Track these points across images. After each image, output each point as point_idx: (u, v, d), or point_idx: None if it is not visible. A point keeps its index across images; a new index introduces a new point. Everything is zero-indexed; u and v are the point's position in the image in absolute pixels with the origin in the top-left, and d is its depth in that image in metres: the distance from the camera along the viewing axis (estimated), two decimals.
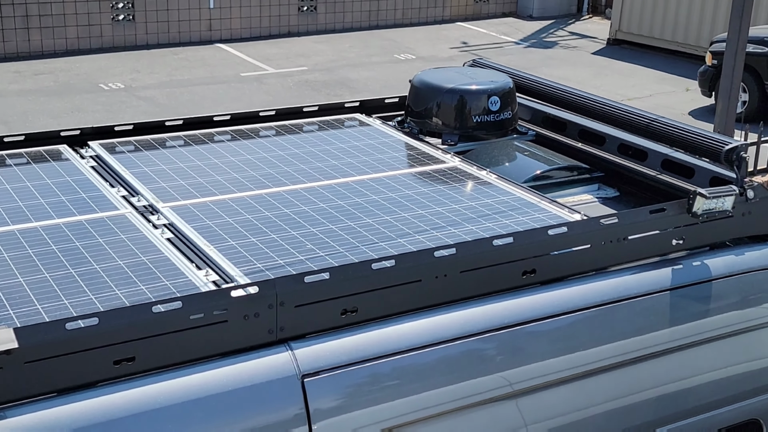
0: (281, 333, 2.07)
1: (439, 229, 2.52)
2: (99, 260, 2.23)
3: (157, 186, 2.72)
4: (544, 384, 2.32)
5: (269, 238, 2.41)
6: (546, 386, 2.32)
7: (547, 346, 2.32)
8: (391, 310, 2.20)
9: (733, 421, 2.61)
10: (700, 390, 2.56)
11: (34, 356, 1.79)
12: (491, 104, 3.29)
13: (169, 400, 1.92)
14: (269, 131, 3.28)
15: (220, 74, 13.16)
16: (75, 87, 12.29)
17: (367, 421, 2.11)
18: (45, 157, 2.92)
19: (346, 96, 12.01)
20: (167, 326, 1.92)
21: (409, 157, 3.10)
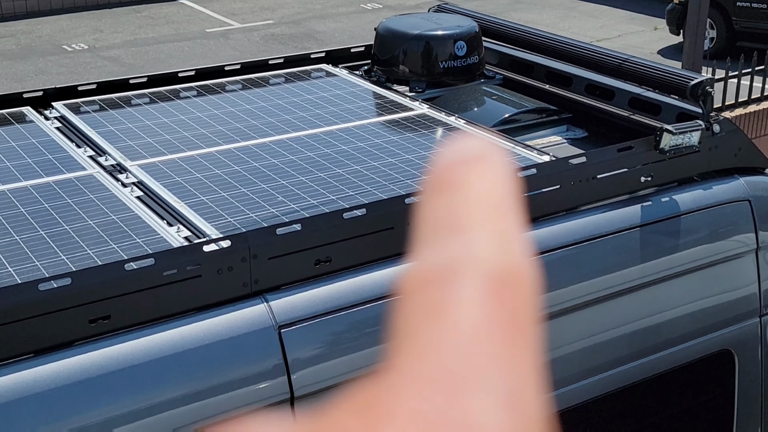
0: (256, 285, 2.08)
1: (409, 176, 2.52)
2: (69, 221, 2.22)
3: (124, 145, 2.70)
4: None
5: (240, 192, 2.40)
6: None
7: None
8: (365, 259, 2.21)
9: (705, 352, 2.67)
10: (672, 324, 2.61)
11: (8, 318, 1.79)
12: (458, 49, 3.28)
13: (147, 356, 1.93)
14: (235, 85, 3.25)
15: (185, 31, 12.98)
16: (38, 49, 12.09)
17: (345, 368, 2.14)
18: (9, 119, 2.89)
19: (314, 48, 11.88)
20: (141, 283, 1.93)
21: (377, 105, 3.09)
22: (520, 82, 3.34)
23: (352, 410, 0.27)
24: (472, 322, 0.28)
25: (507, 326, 0.28)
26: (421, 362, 0.28)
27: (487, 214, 0.30)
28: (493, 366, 0.27)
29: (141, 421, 1.91)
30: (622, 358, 2.51)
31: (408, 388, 0.27)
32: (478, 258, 0.29)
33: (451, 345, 0.27)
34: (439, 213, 0.30)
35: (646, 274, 2.52)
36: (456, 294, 0.28)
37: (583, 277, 2.42)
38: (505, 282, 0.29)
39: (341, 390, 0.29)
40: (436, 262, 0.29)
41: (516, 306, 0.29)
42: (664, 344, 2.59)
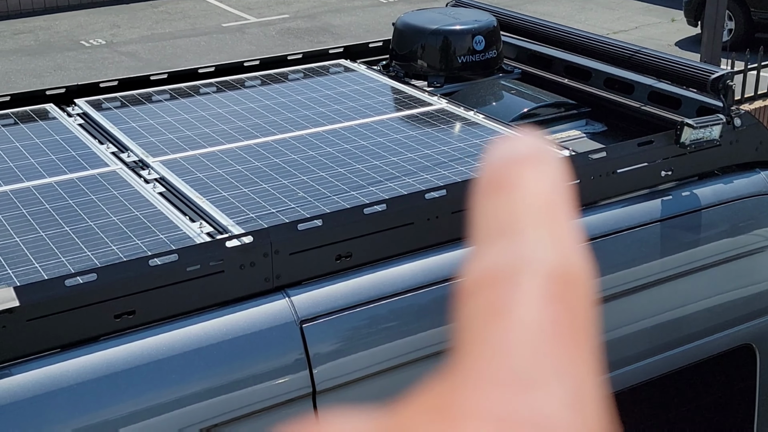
0: (277, 281, 2.10)
1: (428, 171, 2.53)
2: (93, 217, 2.24)
3: (146, 141, 2.72)
4: None
5: (260, 187, 2.42)
6: None
7: None
8: (385, 254, 2.23)
9: (726, 347, 2.67)
10: (692, 318, 2.61)
11: (35, 314, 1.81)
12: (476, 44, 3.28)
13: (171, 351, 1.95)
14: (254, 81, 3.27)
15: (202, 26, 13.02)
16: (56, 45, 12.16)
17: (367, 363, 2.15)
18: (32, 116, 2.92)
19: (330, 42, 11.90)
20: (165, 279, 1.95)
21: (396, 100, 3.09)
22: (539, 76, 3.34)
23: (422, 410, 0.28)
24: (537, 322, 0.29)
25: (569, 325, 0.29)
26: (487, 362, 0.28)
27: (542, 215, 0.31)
28: (559, 365, 0.28)
29: (165, 415, 1.93)
30: (643, 353, 2.51)
31: (476, 388, 0.28)
32: (538, 258, 0.30)
33: (517, 344, 0.28)
34: (495, 214, 0.31)
35: (666, 269, 2.52)
36: (518, 294, 0.29)
37: (603, 272, 2.42)
38: (564, 281, 0.30)
39: (362, 385, 0.30)
40: (496, 263, 0.30)
41: (575, 305, 0.30)
42: (685, 339, 2.59)
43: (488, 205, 0.32)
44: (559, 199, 0.32)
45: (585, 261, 0.31)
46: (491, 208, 0.31)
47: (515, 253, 0.30)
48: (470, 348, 0.29)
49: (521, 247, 0.30)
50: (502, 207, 0.31)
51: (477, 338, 0.29)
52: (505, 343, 0.28)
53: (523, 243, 0.30)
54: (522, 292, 0.29)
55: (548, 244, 0.30)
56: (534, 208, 0.31)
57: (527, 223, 0.31)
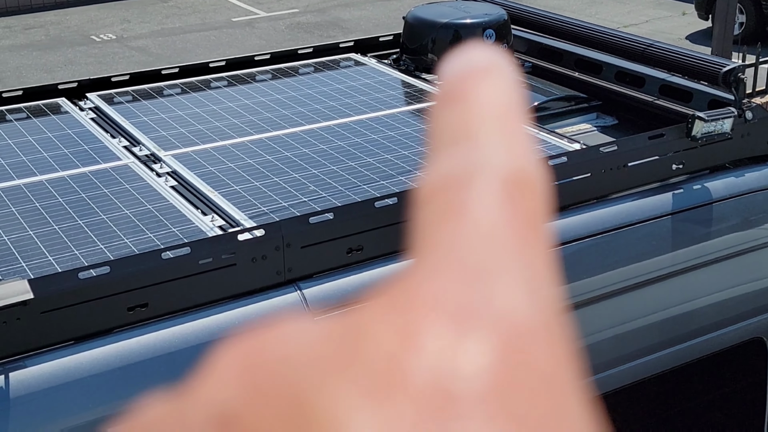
0: (289, 274, 2.11)
1: None
2: (106, 210, 2.26)
3: (157, 135, 2.73)
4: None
5: (272, 181, 2.43)
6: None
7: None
8: (396, 247, 2.23)
9: (737, 340, 2.67)
10: (703, 312, 2.61)
11: (49, 306, 1.83)
12: (486, 37, 3.28)
13: (184, 344, 1.96)
14: (265, 75, 3.28)
15: (212, 20, 13.04)
16: (66, 40, 12.19)
17: None
18: (44, 111, 2.93)
19: (340, 37, 11.90)
20: (178, 272, 1.96)
21: (406, 94, 3.10)
22: (549, 69, 3.34)
23: (382, 306, 0.28)
24: (490, 220, 0.30)
25: (522, 223, 0.30)
26: (441, 257, 0.29)
27: (496, 122, 0.32)
28: (513, 258, 0.29)
29: None
30: (654, 346, 2.52)
31: (435, 278, 0.28)
32: (491, 162, 0.31)
33: (471, 240, 0.29)
34: (450, 123, 0.32)
35: (677, 263, 2.52)
36: (471, 195, 0.30)
37: (614, 266, 2.42)
38: (517, 184, 0.31)
39: None
40: (450, 168, 0.31)
41: (529, 206, 0.31)
42: (696, 332, 2.59)
43: (443, 116, 0.33)
44: (514, 108, 0.33)
45: (538, 165, 0.32)
46: (446, 118, 0.32)
47: (469, 158, 0.31)
48: (422, 247, 0.30)
49: (475, 152, 0.31)
50: (457, 116, 0.32)
51: (430, 238, 0.30)
52: (458, 239, 0.29)
53: (477, 149, 0.31)
54: (475, 193, 0.30)
55: (501, 149, 0.31)
56: (488, 117, 0.32)
57: (481, 131, 0.32)
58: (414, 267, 0.29)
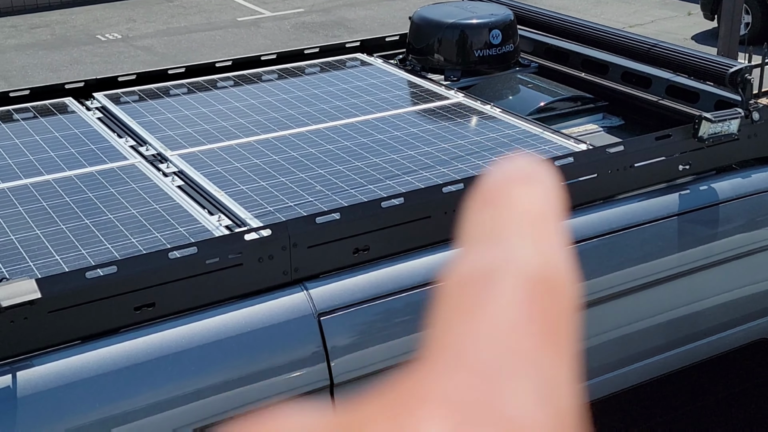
0: (296, 273, 2.11)
1: (446, 165, 2.54)
2: (113, 210, 2.26)
3: (164, 134, 2.73)
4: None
5: (278, 181, 2.43)
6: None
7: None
8: (403, 247, 2.23)
9: (742, 341, 2.66)
10: (709, 313, 2.60)
11: (57, 305, 1.83)
12: (493, 38, 3.28)
13: (190, 343, 1.96)
14: (272, 75, 3.28)
15: (217, 20, 13.04)
16: (72, 39, 12.21)
17: (384, 355, 2.16)
18: (51, 110, 2.94)
19: (345, 36, 11.91)
20: (184, 271, 1.96)
21: (413, 94, 3.10)
22: (556, 70, 3.33)
23: (387, 401, 0.28)
24: (510, 319, 0.29)
25: (543, 326, 0.29)
26: (456, 354, 0.29)
27: (530, 226, 0.32)
28: (528, 361, 0.29)
29: (184, 406, 1.94)
30: (660, 348, 2.51)
31: (442, 377, 0.28)
32: (519, 261, 0.30)
33: (488, 339, 0.29)
34: (483, 223, 0.32)
35: (683, 263, 2.51)
36: (494, 293, 0.30)
37: (620, 266, 2.42)
38: (544, 285, 0.31)
39: (379, 378, 0.30)
40: (476, 264, 0.31)
41: (553, 309, 0.30)
42: (701, 334, 2.58)
43: (477, 216, 0.32)
44: (549, 213, 0.33)
45: (570, 269, 0.32)
46: (480, 217, 0.32)
47: (497, 254, 0.31)
48: (440, 341, 0.29)
49: (504, 249, 0.31)
50: (490, 218, 0.32)
51: (449, 331, 0.29)
52: (476, 337, 0.29)
53: (506, 246, 0.31)
54: (498, 290, 0.30)
55: (532, 248, 0.31)
56: (521, 218, 0.32)
57: (513, 232, 0.31)
58: (423, 362, 0.29)
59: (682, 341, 2.55)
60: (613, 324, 2.43)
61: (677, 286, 2.51)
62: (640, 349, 2.49)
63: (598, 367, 2.38)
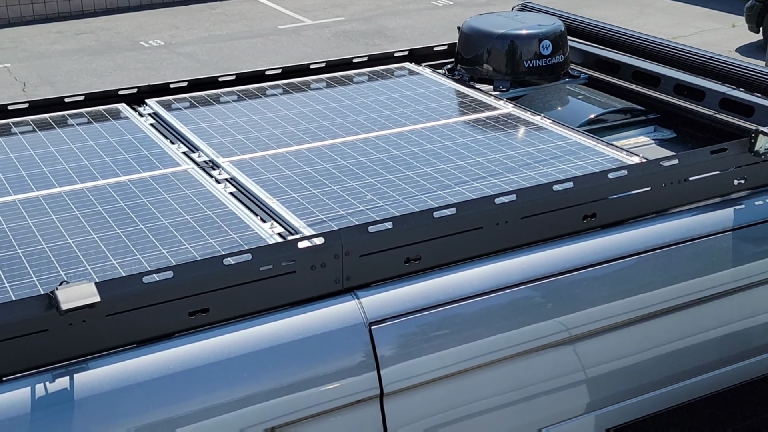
0: (347, 282, 2.11)
1: (496, 175, 2.53)
2: (167, 215, 2.28)
3: (215, 141, 2.76)
4: (607, 327, 2.34)
5: (329, 189, 2.44)
6: (608, 329, 2.34)
7: (609, 290, 2.33)
8: (454, 258, 2.23)
9: None
10: (762, 330, 2.56)
11: (114, 309, 1.85)
12: (543, 48, 3.26)
13: (243, 349, 1.97)
14: (320, 83, 3.30)
15: (258, 27, 13.15)
16: (116, 45, 12.38)
17: (434, 366, 2.16)
18: (105, 116, 2.98)
19: (385, 45, 11.94)
20: (239, 278, 1.97)
21: (462, 104, 3.09)
22: (606, 81, 3.31)
23: None
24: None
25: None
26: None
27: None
28: None
29: (235, 412, 1.95)
30: (711, 364, 2.48)
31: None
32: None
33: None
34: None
35: (736, 279, 2.48)
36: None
37: (672, 281, 2.39)
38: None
39: (428, 388, 0.30)
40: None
41: None
42: (755, 351, 2.54)
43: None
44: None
45: None
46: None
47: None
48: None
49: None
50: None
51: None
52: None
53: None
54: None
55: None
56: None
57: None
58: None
59: (735, 358, 2.51)
60: (665, 339, 2.40)
61: (730, 302, 2.48)
62: (690, 366, 2.45)
63: (646, 384, 2.36)
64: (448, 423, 2.20)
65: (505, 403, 2.27)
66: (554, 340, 2.28)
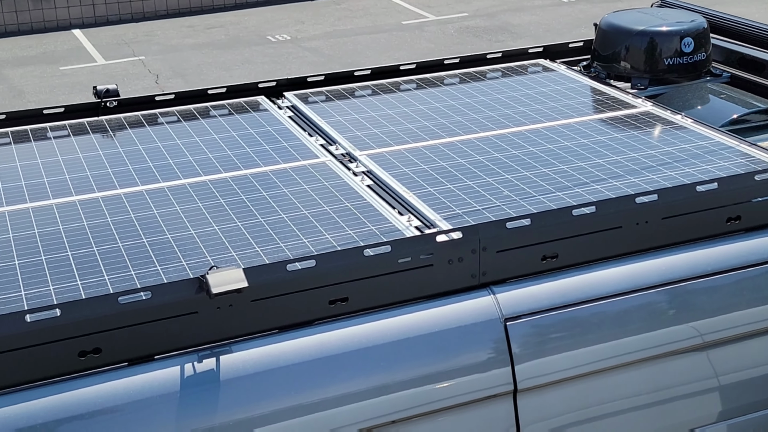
0: (483, 277, 2.12)
1: (635, 174, 2.48)
2: (307, 206, 2.34)
3: (352, 135, 2.81)
4: (748, 333, 2.27)
5: (465, 184, 2.45)
6: (751, 335, 2.27)
7: (752, 295, 2.26)
8: (591, 257, 2.20)
9: None
10: None
11: (260, 295, 1.91)
12: (684, 46, 3.18)
13: (380, 339, 2.01)
14: (454, 79, 3.31)
15: (382, 23, 13.25)
16: (244, 40, 12.71)
17: (568, 365, 2.14)
18: (246, 108, 3.07)
19: (509, 42, 11.84)
20: (378, 269, 2.01)
21: (599, 102, 3.05)
22: (750, 80, 3.20)
23: None
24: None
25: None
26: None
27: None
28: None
29: (370, 400, 1.99)
30: None
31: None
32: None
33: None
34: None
35: None
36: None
37: None
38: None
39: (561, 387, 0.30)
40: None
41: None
42: None
43: None
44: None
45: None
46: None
47: None
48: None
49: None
50: None
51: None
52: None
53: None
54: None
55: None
56: None
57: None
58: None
59: None
60: None
61: None
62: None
63: (745, 404, 2.28)
64: (580, 423, 2.18)
65: (638, 406, 2.23)
66: (697, 343, 2.23)
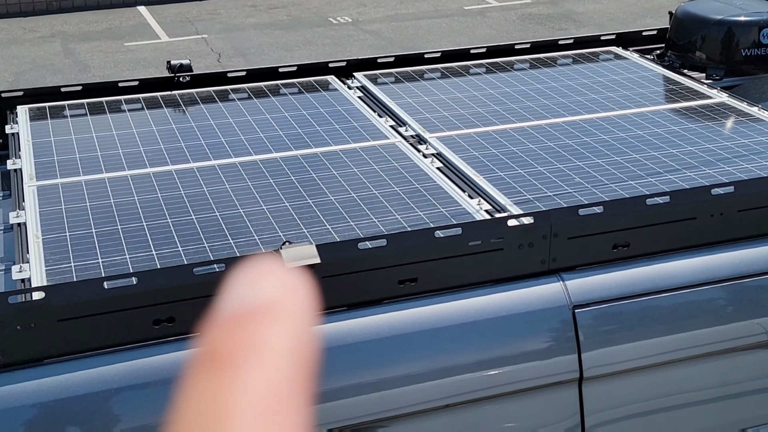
0: (553, 264, 2.10)
1: (710, 166, 2.44)
2: (376, 186, 2.35)
3: (422, 117, 2.80)
4: None
5: (536, 170, 2.43)
6: None
7: None
8: (663, 247, 2.17)
9: None
10: None
11: (331, 272, 1.93)
12: (763, 37, 3.11)
13: (448, 321, 2.01)
14: (524, 64, 3.28)
15: (444, 8, 13.19)
16: (306, 21, 12.76)
17: (635, 355, 2.12)
18: (316, 87, 3.09)
19: (572, 30, 11.69)
20: (448, 251, 2.01)
21: (672, 91, 3.00)
22: None
23: None
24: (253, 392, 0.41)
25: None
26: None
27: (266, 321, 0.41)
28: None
29: (436, 381, 1.99)
30: None
31: None
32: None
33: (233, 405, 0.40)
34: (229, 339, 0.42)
35: None
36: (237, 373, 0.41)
37: None
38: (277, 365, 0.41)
39: (628, 377, 0.36)
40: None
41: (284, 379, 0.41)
42: None
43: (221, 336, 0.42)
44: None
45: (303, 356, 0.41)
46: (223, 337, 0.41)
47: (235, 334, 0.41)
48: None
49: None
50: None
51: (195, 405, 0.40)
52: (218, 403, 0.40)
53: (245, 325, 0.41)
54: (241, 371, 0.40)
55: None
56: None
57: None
58: None
59: None
60: None
61: None
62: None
63: None
64: (643, 414, 2.16)
65: (705, 400, 2.20)
66: (759, 341, 2.19)
